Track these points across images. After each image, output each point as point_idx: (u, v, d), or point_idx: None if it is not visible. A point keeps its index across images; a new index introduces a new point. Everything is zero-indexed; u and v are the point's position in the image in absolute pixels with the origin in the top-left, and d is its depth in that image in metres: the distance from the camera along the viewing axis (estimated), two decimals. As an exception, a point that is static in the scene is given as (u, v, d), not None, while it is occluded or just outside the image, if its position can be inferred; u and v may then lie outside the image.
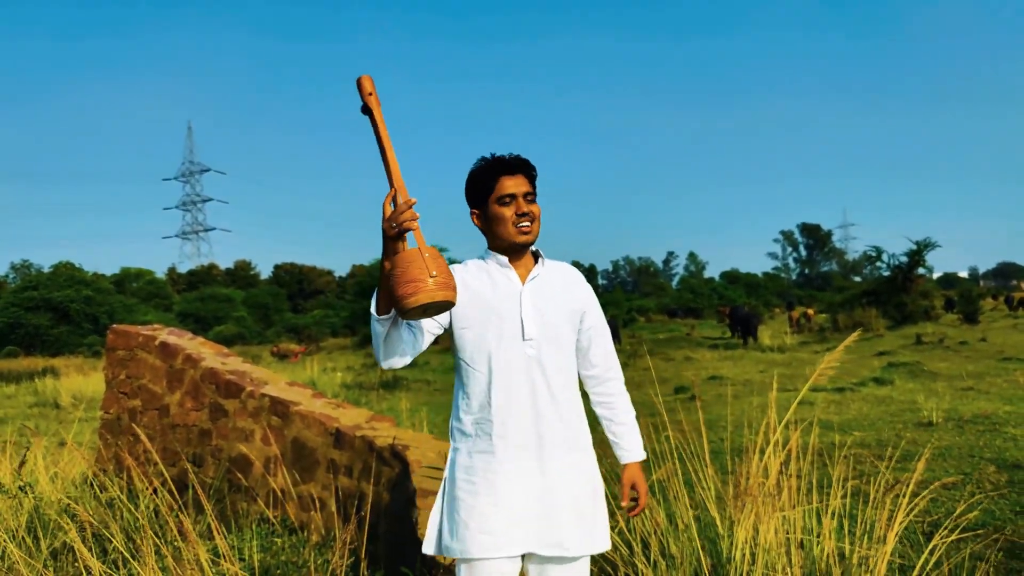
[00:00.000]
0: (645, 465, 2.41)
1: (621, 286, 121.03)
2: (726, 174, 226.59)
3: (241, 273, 72.99)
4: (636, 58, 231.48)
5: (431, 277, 1.82)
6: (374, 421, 4.30)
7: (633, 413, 2.41)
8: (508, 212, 2.17)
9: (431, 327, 2.18)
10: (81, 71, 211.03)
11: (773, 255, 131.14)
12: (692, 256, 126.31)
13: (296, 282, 71.16)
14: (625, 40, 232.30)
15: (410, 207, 1.90)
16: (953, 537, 3.16)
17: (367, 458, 3.91)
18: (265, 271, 77.70)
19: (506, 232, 2.18)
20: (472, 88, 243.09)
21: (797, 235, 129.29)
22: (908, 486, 2.96)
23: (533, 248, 2.28)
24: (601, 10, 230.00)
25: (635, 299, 66.43)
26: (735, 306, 28.45)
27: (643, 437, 2.40)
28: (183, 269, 76.06)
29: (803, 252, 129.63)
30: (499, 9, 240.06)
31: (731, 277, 73.72)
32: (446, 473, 2.23)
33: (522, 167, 2.21)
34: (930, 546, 2.88)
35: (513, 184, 2.17)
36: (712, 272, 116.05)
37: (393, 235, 1.90)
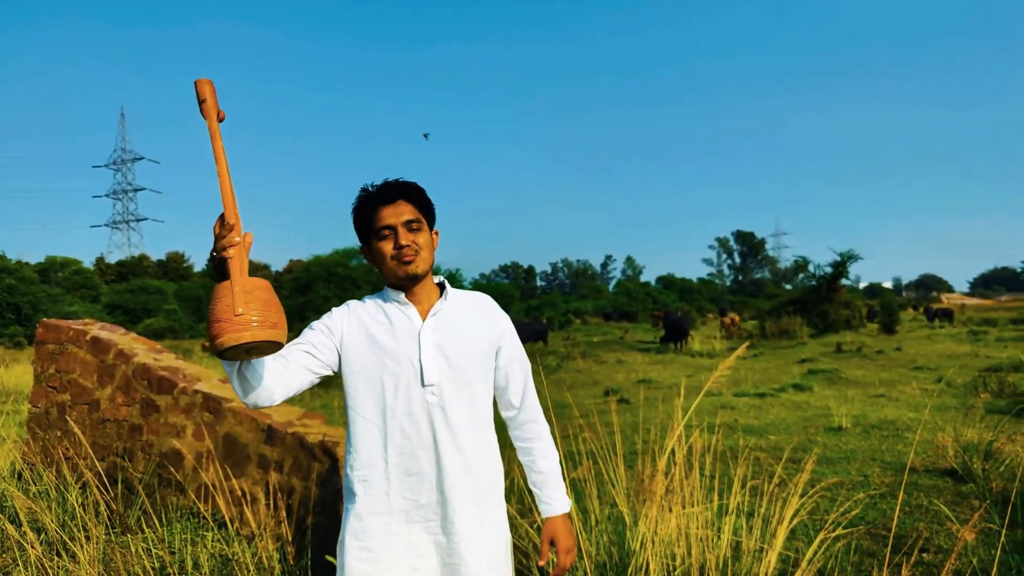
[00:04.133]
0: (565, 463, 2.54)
1: (559, 288, 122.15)
2: (664, 180, 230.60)
3: (173, 265, 71.27)
4: (576, 62, 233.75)
5: (236, 316, 1.57)
6: (305, 418, 4.42)
7: (555, 458, 2.16)
8: (387, 247, 1.96)
9: (311, 366, 1.94)
10: (7, 50, 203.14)
11: (708, 261, 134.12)
12: (629, 260, 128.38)
13: (231, 276, 69.68)
14: (560, 43, 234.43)
15: (231, 231, 1.62)
16: (838, 532, 3.46)
17: (298, 454, 4.04)
18: (199, 264, 75.97)
19: (388, 269, 1.97)
20: (411, 88, 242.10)
21: (732, 242, 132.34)
22: (798, 485, 3.23)
23: (438, 280, 2.09)
24: (530, 11, 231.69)
25: (572, 301, 67.16)
26: (667, 311, 29.12)
27: (568, 439, 2.42)
28: (112, 259, 73.84)
29: (737, 259, 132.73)
30: (432, 10, 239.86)
31: (667, 282, 75.07)
32: (340, 535, 1.99)
33: (401, 192, 1.98)
34: (817, 539, 3.15)
35: (392, 214, 1.95)
36: (648, 276, 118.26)
37: (216, 263, 1.65)
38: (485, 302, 2.12)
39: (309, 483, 3.91)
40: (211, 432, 4.53)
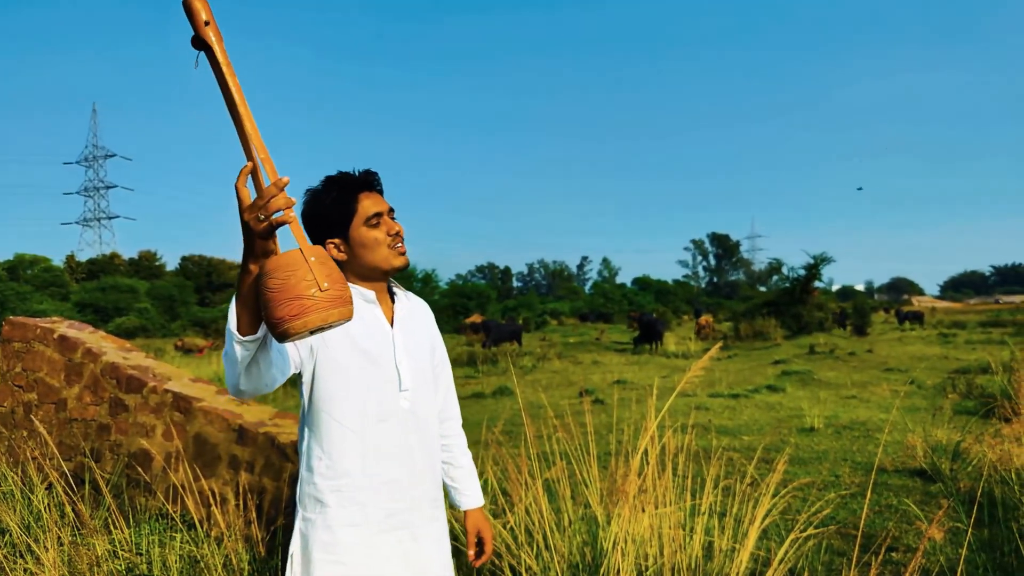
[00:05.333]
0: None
1: (535, 288, 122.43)
2: (641, 182, 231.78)
3: (145, 263, 70.38)
4: (557, 67, 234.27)
5: (321, 290, 1.33)
6: (277, 418, 4.38)
7: (470, 455, 2.19)
8: (381, 235, 1.84)
9: (293, 355, 1.76)
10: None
11: (684, 263, 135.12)
12: (606, 261, 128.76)
13: (204, 274, 69.13)
14: (548, 48, 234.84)
15: (282, 189, 1.32)
16: (809, 532, 3.49)
17: (269, 454, 4.00)
18: (172, 262, 75.16)
19: (381, 258, 1.85)
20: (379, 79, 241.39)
21: (707, 244, 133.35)
22: (770, 486, 3.25)
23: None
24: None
25: (548, 302, 67.37)
26: (642, 312, 29.26)
27: (541, 439, 2.43)
28: (83, 257, 72.71)
29: (712, 261, 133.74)
30: None
31: (642, 283, 75.50)
32: (297, 551, 1.83)
33: (378, 181, 1.91)
34: (788, 538, 3.17)
35: (378, 201, 1.87)
36: (624, 278, 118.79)
37: (261, 230, 1.34)
38: (423, 303, 2.10)
39: (280, 483, 3.87)
40: (181, 432, 4.48)
